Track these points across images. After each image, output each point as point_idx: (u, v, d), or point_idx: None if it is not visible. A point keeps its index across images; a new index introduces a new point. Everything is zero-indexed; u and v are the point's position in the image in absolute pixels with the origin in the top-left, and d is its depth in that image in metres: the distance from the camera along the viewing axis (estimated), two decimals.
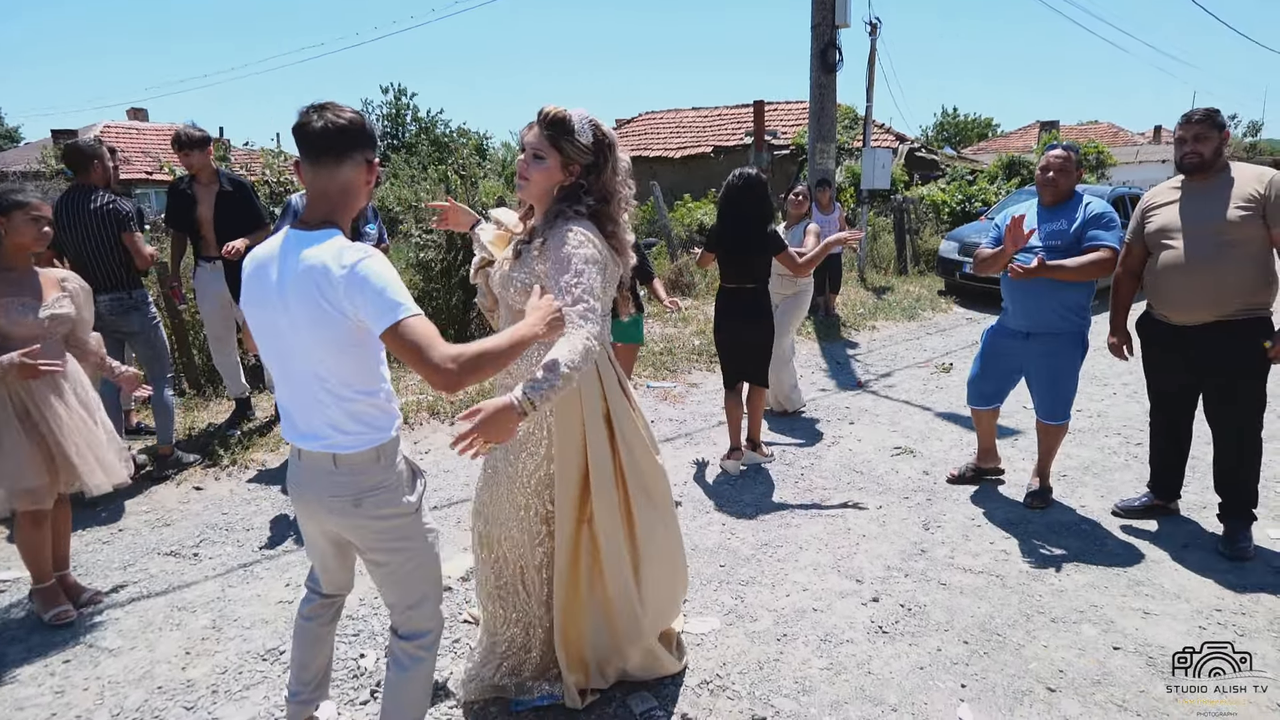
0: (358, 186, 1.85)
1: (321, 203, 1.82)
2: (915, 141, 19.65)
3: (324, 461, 1.87)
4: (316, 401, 1.84)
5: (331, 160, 1.78)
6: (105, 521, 3.95)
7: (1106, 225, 3.62)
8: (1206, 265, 3.29)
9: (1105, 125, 38.73)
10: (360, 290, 1.68)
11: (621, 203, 2.31)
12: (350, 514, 1.89)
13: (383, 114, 25.85)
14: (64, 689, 2.67)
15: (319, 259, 1.71)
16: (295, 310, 1.75)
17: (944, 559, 3.49)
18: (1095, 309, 3.89)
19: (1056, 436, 4.01)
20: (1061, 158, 3.72)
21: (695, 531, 3.80)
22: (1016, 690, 2.59)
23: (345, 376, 1.81)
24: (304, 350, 1.79)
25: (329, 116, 1.76)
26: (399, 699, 2.05)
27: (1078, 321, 3.78)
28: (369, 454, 1.87)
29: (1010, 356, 3.97)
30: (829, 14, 8.37)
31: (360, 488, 1.87)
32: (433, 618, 2.07)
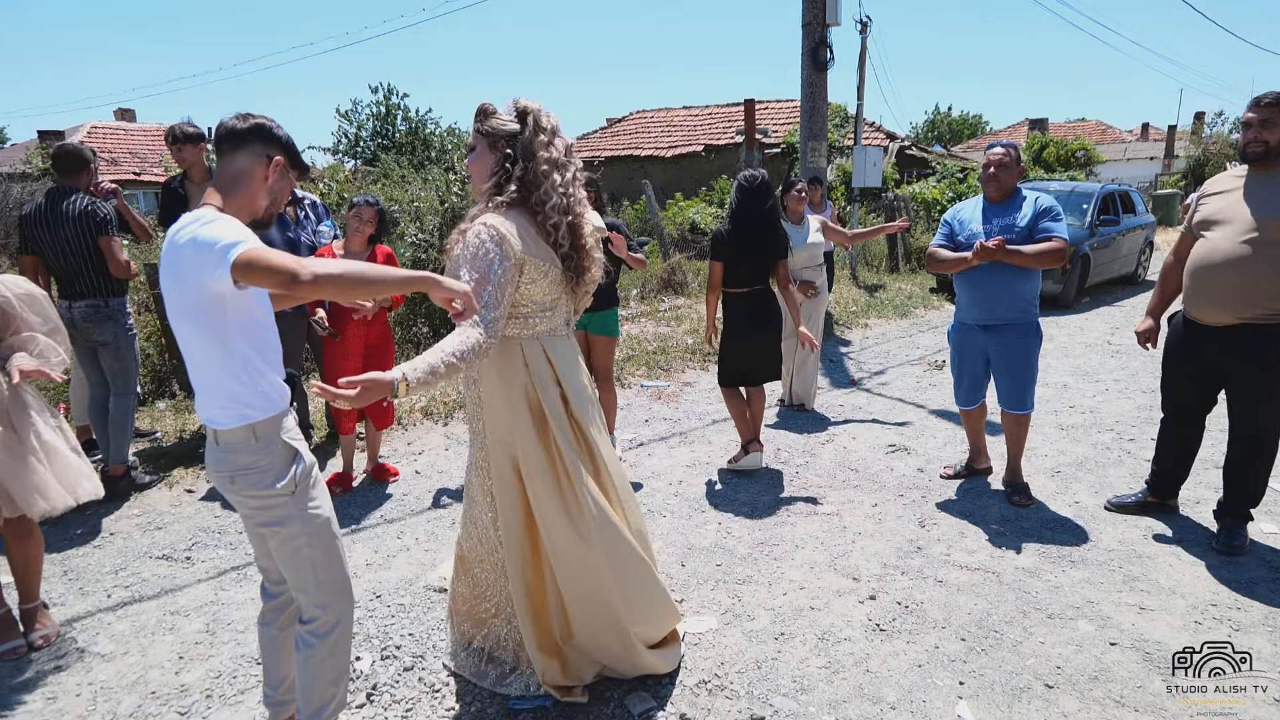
0: (252, 177, 1.94)
1: (213, 187, 1.92)
2: (906, 139, 19.69)
3: (211, 437, 1.97)
4: (198, 376, 1.93)
5: (230, 147, 1.92)
6: (96, 526, 3.91)
7: (1055, 218, 3.77)
8: (1241, 261, 3.18)
9: (1094, 123, 38.94)
10: (201, 250, 1.74)
11: (552, 187, 2.26)
12: (229, 490, 1.97)
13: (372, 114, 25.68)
14: (56, 695, 2.64)
15: (172, 235, 1.81)
16: (167, 287, 1.85)
17: (940, 556, 3.50)
18: (1081, 306, 3.88)
19: (1023, 426, 4.08)
20: (1000, 154, 3.86)
21: (691, 531, 3.80)
22: (1014, 687, 2.59)
23: (209, 351, 1.88)
24: (176, 323, 1.88)
25: (240, 115, 1.96)
26: (300, 681, 2.12)
27: (1031, 312, 3.91)
28: (242, 431, 1.92)
29: (976, 350, 4.07)
30: (820, 12, 8.36)
31: (234, 466, 1.93)
32: (320, 606, 2.08)
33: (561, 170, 2.28)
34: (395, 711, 2.53)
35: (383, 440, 4.77)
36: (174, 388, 5.87)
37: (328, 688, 2.13)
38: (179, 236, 1.79)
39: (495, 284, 2.15)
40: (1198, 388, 3.57)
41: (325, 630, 2.09)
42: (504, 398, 2.34)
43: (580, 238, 2.34)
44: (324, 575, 2.07)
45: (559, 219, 2.27)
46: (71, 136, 22.75)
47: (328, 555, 2.07)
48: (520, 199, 2.25)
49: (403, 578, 3.38)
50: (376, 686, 2.65)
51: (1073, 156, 21.98)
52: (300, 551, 2.02)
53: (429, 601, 3.17)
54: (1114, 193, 11.37)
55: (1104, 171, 22.50)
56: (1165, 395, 3.75)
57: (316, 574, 2.05)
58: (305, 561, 2.04)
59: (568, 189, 2.29)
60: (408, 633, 2.96)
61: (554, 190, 2.26)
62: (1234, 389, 3.43)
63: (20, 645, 2.88)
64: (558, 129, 2.31)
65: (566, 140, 2.33)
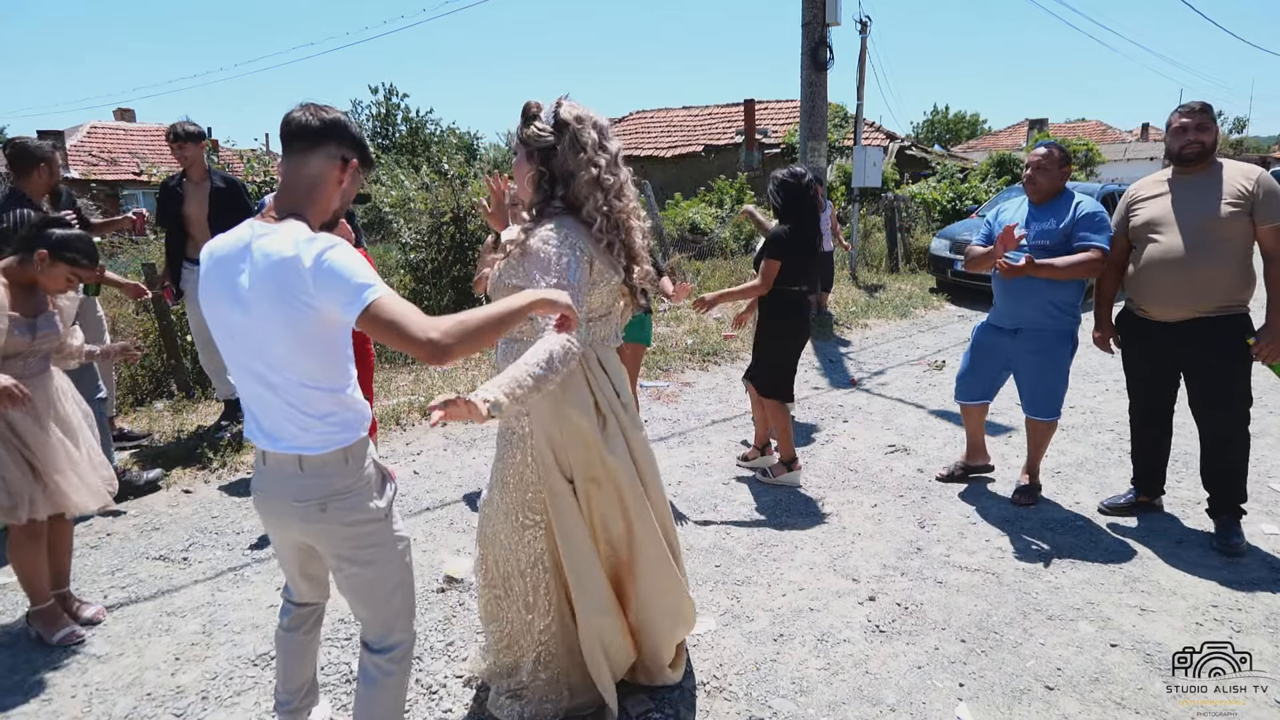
0: (327, 181, 1.80)
1: (288, 194, 1.78)
2: (906, 140, 19.69)
3: (289, 464, 1.80)
4: (281, 401, 1.76)
5: (302, 147, 1.76)
6: (93, 526, 3.90)
7: (1097, 226, 3.61)
8: (1191, 261, 3.30)
9: (1094, 123, 38.94)
10: (329, 279, 1.62)
11: (595, 208, 2.13)
12: (316, 519, 1.81)
13: (372, 114, 25.71)
14: (51, 696, 2.62)
15: (282, 251, 1.65)
16: (259, 306, 1.68)
17: (940, 557, 3.48)
18: (1086, 305, 3.88)
19: (1046, 434, 4.00)
20: (1040, 155, 3.74)
21: (690, 532, 3.78)
22: (1015, 689, 2.58)
23: (311, 373, 1.74)
24: (268, 347, 1.72)
25: (311, 109, 1.78)
26: (370, 713, 1.98)
27: (1066, 319, 3.79)
28: (336, 455, 1.80)
29: (999, 353, 3.99)
30: (819, 12, 8.35)
31: (327, 491, 1.80)
32: (404, 630, 1.99)
33: (604, 189, 2.14)
34: None
35: (380, 441, 4.76)
36: (171, 387, 5.85)
37: (399, 715, 2.05)
38: (288, 252, 1.64)
39: (576, 287, 2.03)
40: (1157, 383, 3.63)
41: (405, 656, 2.00)
42: (562, 406, 2.20)
43: (633, 248, 2.24)
44: (409, 598, 2.00)
45: (609, 237, 2.17)
46: (71, 137, 22.77)
47: (410, 577, 2.01)
48: (569, 209, 2.16)
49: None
50: None
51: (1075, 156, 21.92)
52: (390, 577, 1.93)
53: (426, 602, 3.16)
54: (1114, 193, 11.34)
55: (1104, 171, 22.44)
56: (1132, 394, 3.81)
57: (404, 597, 1.98)
58: (395, 586, 1.95)
59: (611, 206, 2.16)
60: None
61: (597, 211, 2.14)
62: (1193, 384, 3.48)
63: (76, 630, 2.95)
64: (600, 139, 2.14)
65: (611, 150, 2.17)
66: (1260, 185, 3.22)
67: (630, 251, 2.25)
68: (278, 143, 1.82)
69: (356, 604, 1.97)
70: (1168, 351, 3.51)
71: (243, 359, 1.78)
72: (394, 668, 1.98)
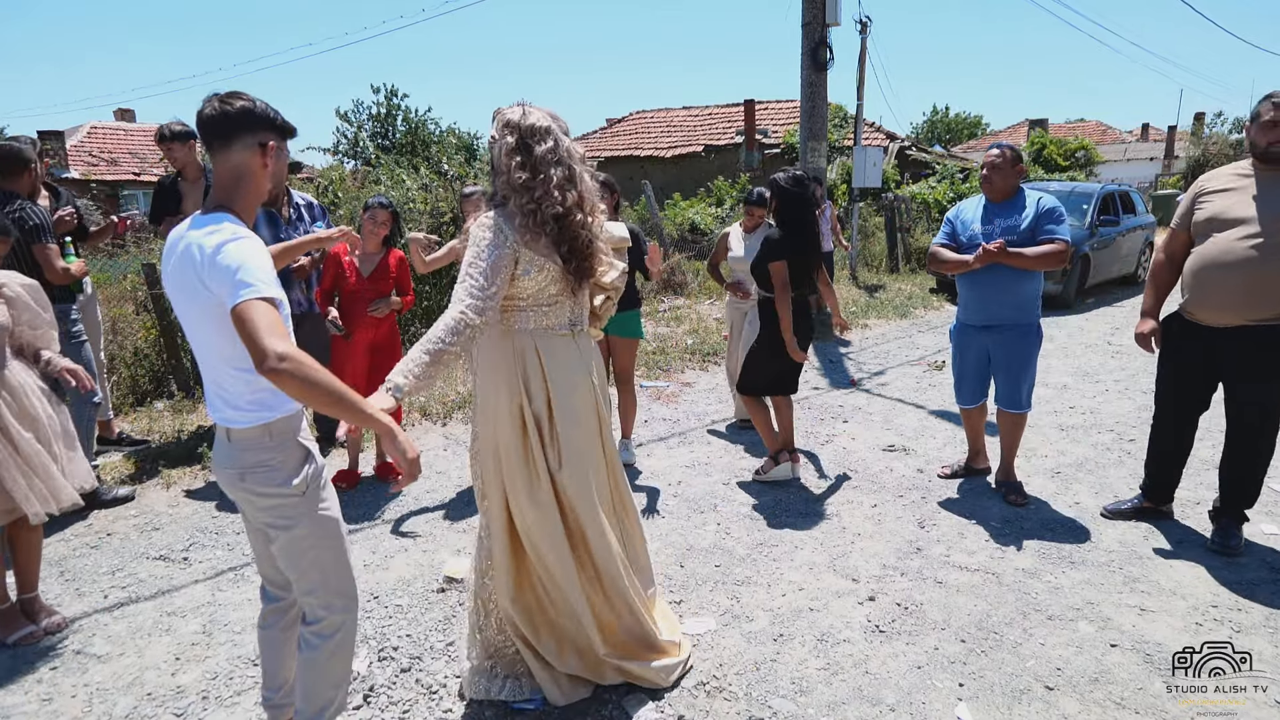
0: (252, 170, 1.90)
1: (218, 189, 1.89)
2: (906, 140, 19.69)
3: (222, 435, 1.97)
4: (213, 377, 1.92)
5: (219, 144, 1.85)
6: (93, 526, 3.90)
7: (1058, 220, 3.77)
8: (1249, 262, 3.12)
9: (1094, 123, 38.95)
10: (215, 270, 1.74)
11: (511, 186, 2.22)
12: (237, 486, 1.96)
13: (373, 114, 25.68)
14: (52, 696, 2.62)
15: (196, 240, 1.79)
16: (182, 289, 1.84)
17: (940, 557, 3.48)
18: (1084, 306, 3.87)
19: (1018, 426, 4.09)
20: (995, 156, 3.88)
21: (690, 531, 3.78)
22: (1015, 689, 2.58)
23: (228, 353, 1.85)
24: (195, 327, 1.88)
25: (217, 103, 1.86)
26: (302, 682, 2.09)
27: (1031, 314, 3.92)
28: (257, 430, 1.92)
29: (977, 350, 4.07)
30: (819, 12, 8.34)
31: (245, 464, 1.93)
32: (325, 608, 2.05)
33: (526, 189, 2.22)
34: (392, 713, 2.52)
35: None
36: (172, 388, 5.85)
37: (329, 690, 2.11)
38: (208, 242, 1.76)
39: (489, 263, 2.18)
40: (1194, 389, 3.54)
41: (330, 632, 2.07)
42: (492, 387, 2.36)
43: (578, 240, 2.29)
44: (331, 577, 2.05)
45: (537, 231, 2.23)
46: (71, 137, 22.76)
47: (336, 557, 2.05)
48: (502, 199, 2.29)
49: (400, 578, 3.37)
50: (373, 688, 2.63)
51: (1073, 157, 21.96)
52: (308, 553, 2.00)
53: (426, 602, 3.16)
54: (1114, 193, 11.35)
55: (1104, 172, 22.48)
56: (1161, 398, 3.70)
57: (324, 575, 2.04)
58: (313, 563, 2.02)
59: (539, 205, 2.21)
60: (405, 634, 2.95)
61: (520, 209, 2.23)
62: (1233, 390, 3.39)
63: (34, 630, 2.93)
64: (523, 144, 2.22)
65: (537, 152, 2.22)
66: None
67: (573, 240, 2.28)
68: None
69: (286, 572, 2.07)
70: (1213, 358, 3.36)
71: (191, 338, 1.95)
72: (318, 642, 2.06)
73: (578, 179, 2.30)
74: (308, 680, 2.09)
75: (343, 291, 4.21)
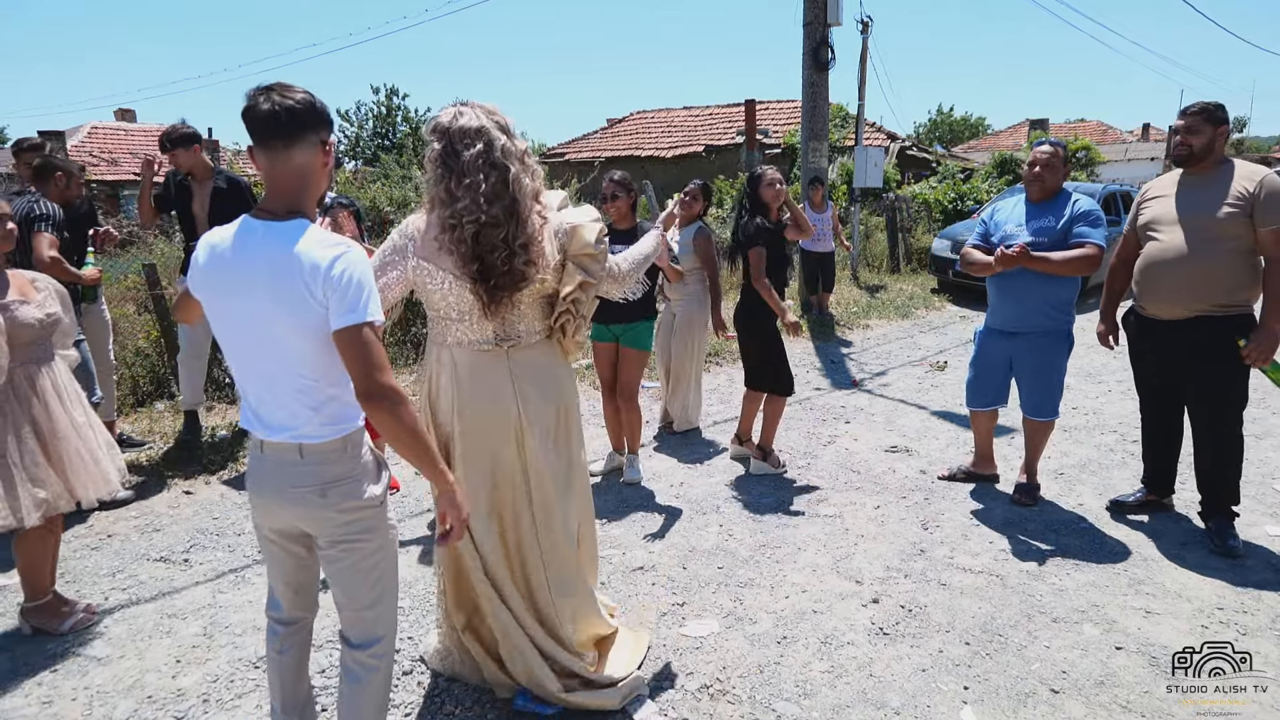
0: (315, 169, 1.81)
1: (280, 190, 1.78)
2: (907, 140, 19.67)
3: (289, 453, 1.83)
4: (286, 392, 1.80)
5: (281, 145, 1.73)
6: (94, 527, 3.89)
7: (1093, 222, 3.66)
8: (1187, 259, 3.31)
9: (1094, 123, 38.92)
10: (334, 284, 1.68)
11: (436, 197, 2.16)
12: (313, 505, 1.84)
13: (374, 114, 25.75)
14: (52, 699, 2.61)
15: (299, 249, 1.70)
16: (270, 300, 1.72)
17: (943, 559, 3.47)
18: (1086, 306, 3.87)
19: (1044, 433, 4.01)
20: (1048, 154, 3.75)
21: (693, 533, 3.77)
22: (1020, 692, 2.57)
23: (319, 367, 1.78)
24: (276, 340, 1.76)
25: (275, 98, 1.71)
26: (354, 712, 1.98)
27: (1063, 319, 3.82)
28: (336, 443, 1.84)
29: (1001, 356, 3.98)
30: (821, 12, 8.35)
31: (325, 478, 1.84)
32: (388, 621, 2.01)
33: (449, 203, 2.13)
34: (393, 716, 2.51)
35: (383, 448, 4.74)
36: (172, 388, 5.84)
37: (384, 711, 2.06)
38: (322, 254, 1.69)
39: (376, 263, 2.20)
40: (1163, 380, 3.64)
41: (388, 650, 2.01)
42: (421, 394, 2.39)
43: (493, 255, 2.13)
44: (389, 590, 2.00)
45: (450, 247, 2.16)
46: (72, 137, 22.74)
47: (395, 570, 2.02)
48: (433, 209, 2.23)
49: (401, 580, 3.35)
50: None
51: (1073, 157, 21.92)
52: (377, 565, 1.95)
53: (427, 605, 3.15)
54: (1115, 193, 11.34)
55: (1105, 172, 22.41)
56: (1139, 391, 3.82)
57: (384, 589, 1.98)
58: (380, 576, 1.96)
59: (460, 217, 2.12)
60: (406, 636, 2.93)
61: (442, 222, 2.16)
62: (1190, 383, 3.49)
63: (83, 615, 2.99)
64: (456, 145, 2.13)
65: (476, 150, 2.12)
66: (1263, 187, 3.20)
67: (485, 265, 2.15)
68: None
69: (343, 593, 1.97)
70: (1170, 350, 3.50)
71: (249, 351, 1.81)
72: (377, 663, 1.99)
73: (513, 182, 2.15)
74: (363, 706, 1.98)
75: None
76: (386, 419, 1.71)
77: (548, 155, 21.89)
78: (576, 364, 6.08)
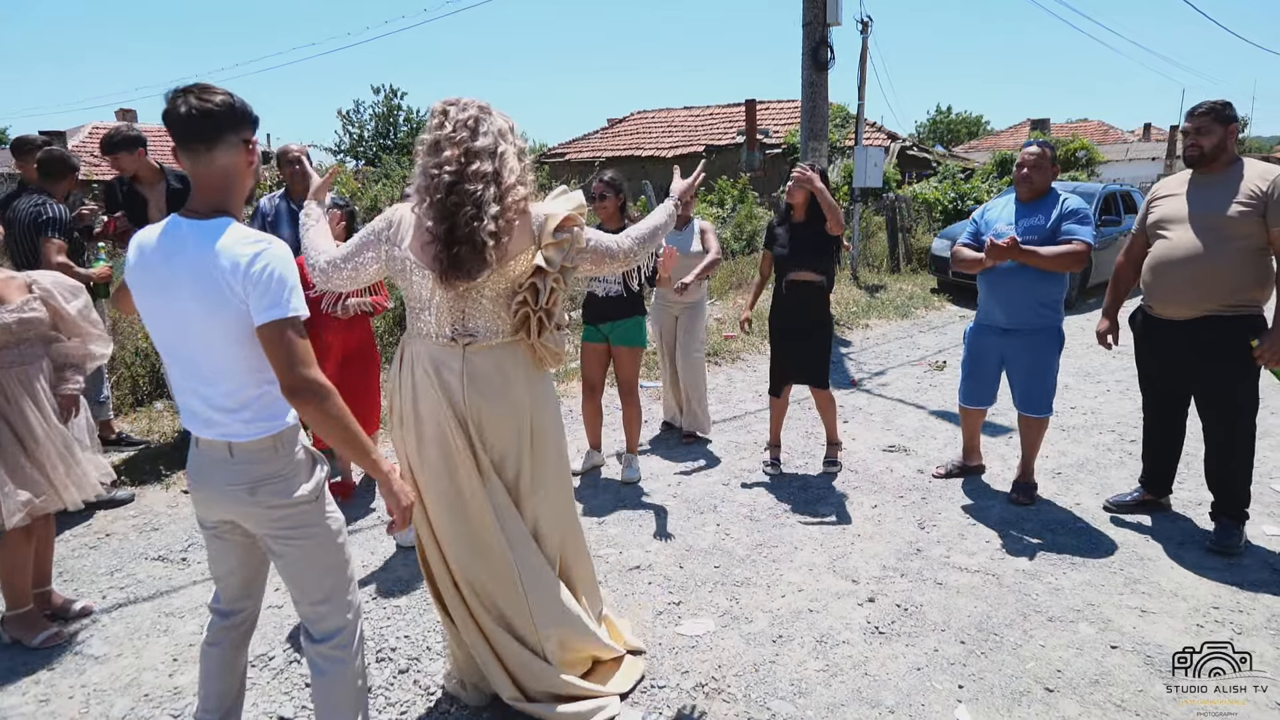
0: (239, 169, 1.83)
1: (205, 190, 1.81)
2: (907, 140, 19.67)
3: (220, 450, 1.86)
4: (214, 390, 1.83)
5: (203, 147, 1.76)
6: (92, 526, 3.89)
7: (1081, 220, 3.71)
8: (1196, 258, 3.30)
9: (1095, 123, 38.86)
10: (254, 280, 1.71)
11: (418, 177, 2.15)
12: (245, 502, 1.86)
13: (374, 114, 25.73)
14: (49, 697, 2.62)
15: (219, 246, 1.73)
16: (193, 298, 1.75)
17: (940, 558, 3.47)
18: (1087, 306, 3.88)
19: (1039, 430, 4.03)
20: (1035, 154, 3.80)
21: (690, 532, 3.78)
22: (1014, 690, 2.57)
23: (246, 365, 1.80)
24: (201, 338, 1.79)
25: (194, 101, 1.74)
26: (330, 704, 2.00)
27: (1053, 315, 3.87)
28: (265, 442, 1.85)
29: (992, 353, 4.02)
30: (820, 12, 8.34)
31: (255, 476, 1.85)
32: (338, 615, 2.00)
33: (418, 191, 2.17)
34: (390, 714, 2.51)
35: (380, 441, 4.75)
36: (169, 390, 5.85)
37: (361, 700, 2.04)
38: (243, 250, 1.72)
39: (361, 238, 2.26)
40: (1168, 380, 3.63)
41: (349, 642, 2.00)
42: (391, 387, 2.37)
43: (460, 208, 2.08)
44: (342, 582, 2.00)
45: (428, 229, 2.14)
46: (73, 137, 22.76)
47: (345, 562, 2.01)
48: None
49: (398, 579, 3.37)
50: (371, 689, 2.63)
51: (1074, 157, 21.90)
52: (321, 560, 1.95)
53: (425, 604, 3.15)
54: (1115, 193, 11.32)
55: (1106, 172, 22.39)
56: (1142, 391, 3.82)
57: (336, 581, 1.98)
58: (326, 569, 1.96)
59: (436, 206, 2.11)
60: (403, 635, 2.94)
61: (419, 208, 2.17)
62: (1199, 383, 3.48)
63: (58, 631, 2.94)
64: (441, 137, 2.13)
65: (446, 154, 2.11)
66: (1276, 186, 3.18)
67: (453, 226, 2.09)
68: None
69: (293, 588, 1.99)
70: (1176, 350, 3.49)
71: (178, 348, 1.85)
72: (340, 654, 1.99)
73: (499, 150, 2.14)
74: (337, 698, 1.99)
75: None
76: (313, 413, 1.73)
77: (548, 155, 21.90)
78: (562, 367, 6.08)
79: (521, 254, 2.17)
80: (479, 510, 2.29)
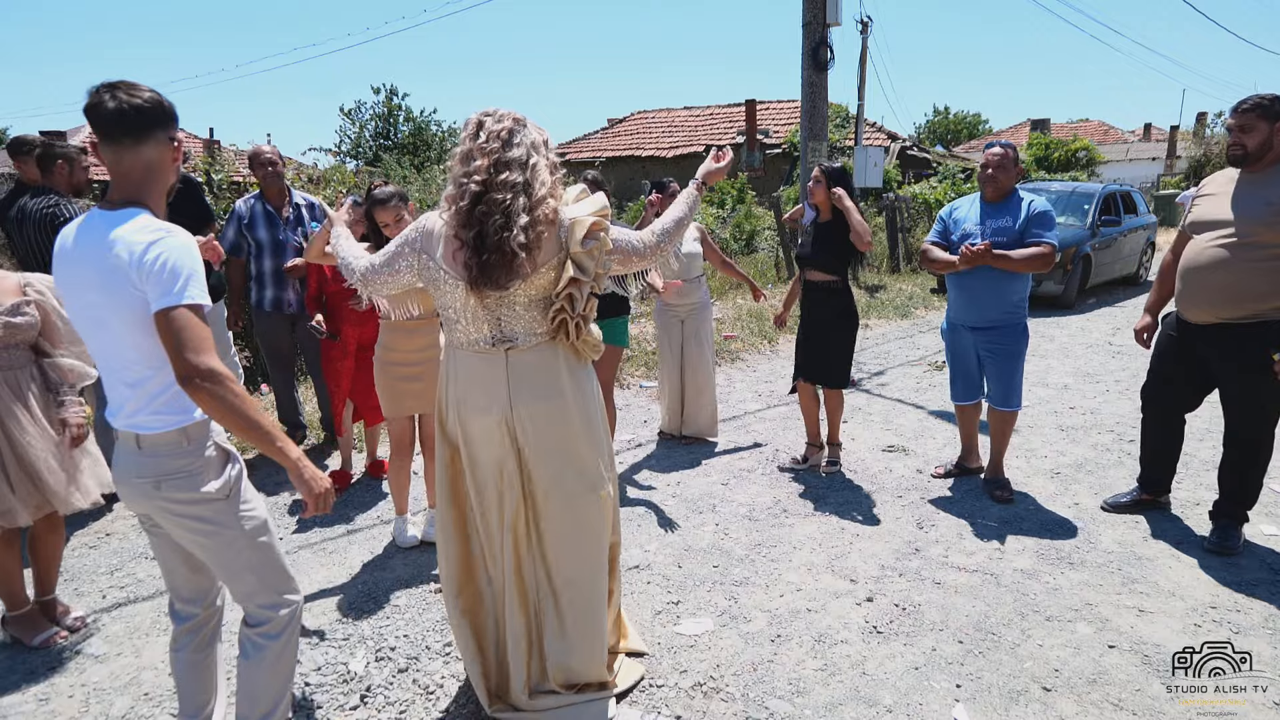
0: (164, 164, 1.86)
1: (125, 183, 1.83)
2: (907, 140, 19.67)
3: (130, 442, 1.87)
4: (123, 380, 1.84)
5: (130, 141, 1.79)
6: (93, 526, 3.90)
7: (1047, 224, 3.78)
8: (1222, 262, 3.20)
9: (1096, 123, 38.89)
10: (148, 269, 1.71)
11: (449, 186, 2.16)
12: (152, 496, 1.86)
13: (374, 114, 25.74)
14: (49, 696, 2.63)
15: (121, 236, 1.74)
16: (99, 289, 1.77)
17: (938, 558, 3.48)
18: (1087, 305, 3.87)
19: (1009, 423, 4.12)
20: (999, 155, 3.87)
21: (689, 532, 3.78)
22: (1012, 690, 2.58)
23: (152, 356, 1.80)
24: (109, 328, 1.80)
25: (122, 97, 1.77)
26: (248, 686, 2.04)
27: (1018, 314, 3.94)
28: (172, 435, 1.85)
29: (968, 348, 4.12)
30: (820, 12, 8.36)
31: (161, 470, 1.85)
32: (270, 606, 2.01)
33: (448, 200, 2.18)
34: (389, 713, 2.52)
35: (380, 437, 4.76)
36: None
37: (281, 687, 2.08)
38: (137, 239, 1.73)
39: (396, 245, 2.27)
40: (1182, 387, 3.60)
41: (277, 631, 2.03)
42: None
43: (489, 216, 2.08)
44: (268, 575, 2.01)
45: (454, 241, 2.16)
46: (74, 137, 22.76)
47: (267, 556, 2.01)
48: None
49: (398, 578, 3.37)
50: (370, 688, 2.63)
51: (1074, 157, 21.93)
52: (240, 555, 1.95)
53: (424, 603, 3.16)
54: (1115, 193, 11.33)
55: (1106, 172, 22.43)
56: (1146, 393, 3.80)
57: (260, 575, 1.99)
58: (246, 565, 1.97)
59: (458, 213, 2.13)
60: (403, 634, 2.95)
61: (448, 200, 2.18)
62: (1223, 390, 3.44)
63: (57, 631, 2.92)
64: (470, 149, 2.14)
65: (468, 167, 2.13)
66: None
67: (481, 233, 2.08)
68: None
69: (220, 577, 2.02)
70: (1199, 356, 3.43)
71: (91, 340, 1.87)
72: (266, 643, 2.02)
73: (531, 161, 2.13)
74: (256, 682, 2.03)
75: (326, 291, 4.13)
76: (206, 400, 1.71)
77: None
78: None
79: (549, 262, 2.17)
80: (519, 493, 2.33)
